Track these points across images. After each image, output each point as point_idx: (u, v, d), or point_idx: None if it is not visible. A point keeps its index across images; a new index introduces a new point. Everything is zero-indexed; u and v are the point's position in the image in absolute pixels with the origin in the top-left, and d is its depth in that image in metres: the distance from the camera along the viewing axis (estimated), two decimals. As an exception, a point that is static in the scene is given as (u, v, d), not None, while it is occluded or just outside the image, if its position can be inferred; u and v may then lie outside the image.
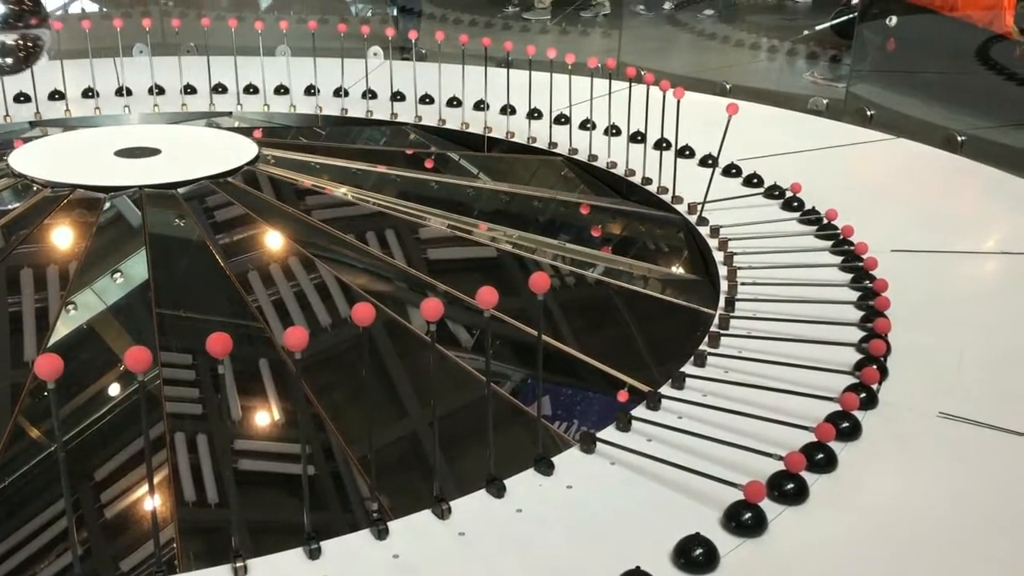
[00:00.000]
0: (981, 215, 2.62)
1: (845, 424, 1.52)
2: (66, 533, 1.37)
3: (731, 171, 2.69)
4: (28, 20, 3.25)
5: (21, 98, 3.25)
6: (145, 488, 1.47)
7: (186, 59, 3.42)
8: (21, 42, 3.21)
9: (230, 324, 1.96)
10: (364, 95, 3.39)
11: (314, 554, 1.27)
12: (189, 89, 3.39)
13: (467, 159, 3.07)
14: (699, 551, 1.25)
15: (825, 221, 2.31)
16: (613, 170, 2.79)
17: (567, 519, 1.36)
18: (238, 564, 1.25)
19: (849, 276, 2.06)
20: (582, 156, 2.90)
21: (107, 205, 2.27)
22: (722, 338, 1.80)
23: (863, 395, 1.59)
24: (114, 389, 1.75)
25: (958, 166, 2.92)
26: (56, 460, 1.17)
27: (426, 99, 3.32)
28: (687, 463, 1.42)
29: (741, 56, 5.51)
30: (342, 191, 2.58)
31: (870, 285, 1.97)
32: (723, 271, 2.09)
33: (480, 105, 3.23)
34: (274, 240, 2.23)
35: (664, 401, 1.61)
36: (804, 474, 1.39)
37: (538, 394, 1.61)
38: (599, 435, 1.51)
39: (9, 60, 3.16)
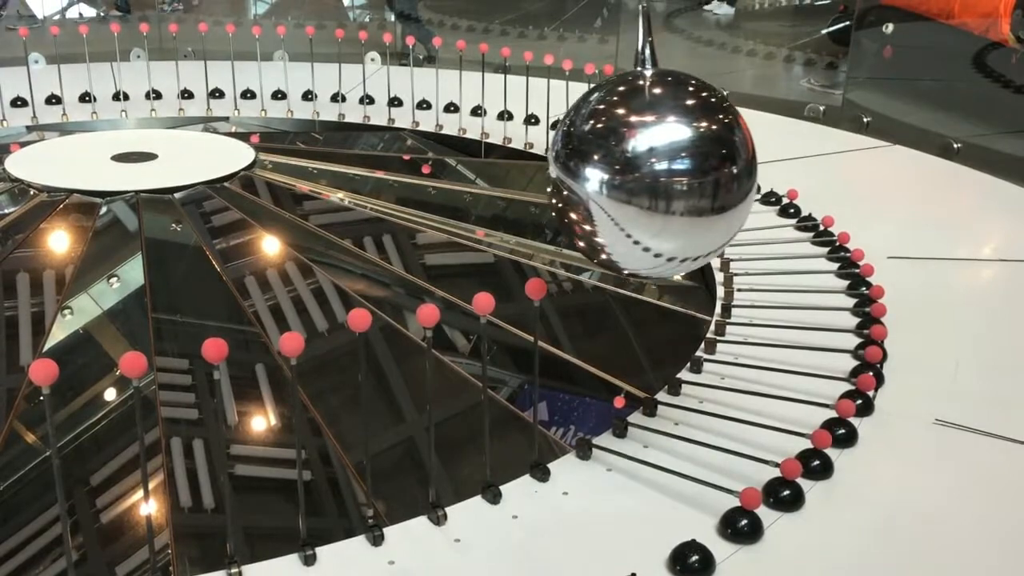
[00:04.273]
0: (977, 222, 2.62)
1: (841, 431, 1.52)
2: (61, 538, 1.36)
3: (728, 177, 2.69)
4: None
5: (18, 102, 3.24)
6: (140, 493, 1.47)
7: (183, 64, 3.42)
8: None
9: (226, 329, 1.95)
10: (361, 100, 3.39)
11: (309, 560, 1.27)
12: (186, 94, 3.39)
13: (464, 165, 3.07)
14: (695, 558, 1.25)
15: (821, 228, 2.31)
16: (610, 176, 2.78)
17: (563, 525, 1.36)
18: (233, 570, 1.25)
19: (845, 283, 2.06)
20: (579, 162, 2.89)
21: (103, 210, 2.27)
22: (718, 344, 1.81)
23: (859, 402, 1.59)
24: (110, 394, 1.75)
25: (954, 173, 2.92)
26: (51, 465, 1.17)
27: (423, 104, 3.32)
28: (683, 470, 1.42)
29: (738, 62, 5.53)
30: (339, 196, 2.58)
31: (866, 292, 1.97)
32: (719, 277, 2.09)
33: (477, 111, 3.23)
34: (271, 245, 2.23)
35: (660, 407, 1.61)
36: (800, 481, 1.39)
37: (534, 400, 1.61)
38: (595, 441, 1.51)
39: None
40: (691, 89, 1.29)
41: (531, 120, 3.07)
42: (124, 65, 3.44)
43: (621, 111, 1.26)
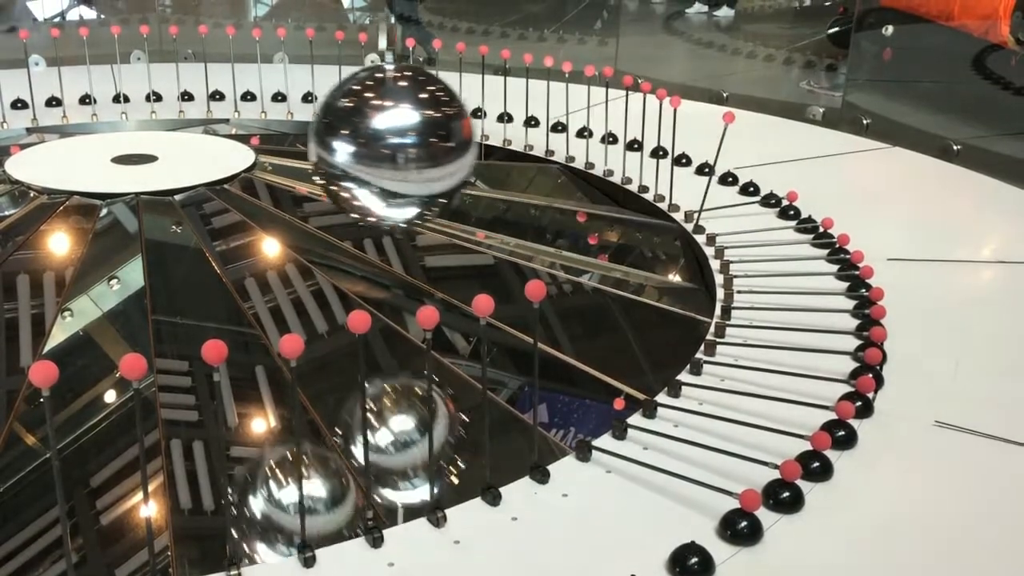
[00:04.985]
0: (977, 224, 2.62)
1: (841, 433, 1.52)
2: (61, 540, 1.36)
3: (728, 179, 2.70)
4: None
5: (18, 104, 3.25)
6: (140, 495, 1.47)
7: (184, 66, 3.42)
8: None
9: (226, 331, 1.95)
10: (361, 102, 3.39)
11: (308, 562, 1.27)
12: (186, 96, 3.39)
13: (464, 166, 3.07)
14: (694, 560, 1.25)
15: (821, 230, 2.31)
16: (610, 178, 2.79)
17: (563, 527, 1.36)
18: (233, 572, 1.25)
19: (845, 285, 2.06)
20: (579, 164, 2.90)
21: (104, 212, 2.27)
22: (718, 346, 1.81)
23: (859, 404, 1.59)
24: (110, 396, 1.75)
25: (954, 175, 2.93)
26: (51, 467, 1.17)
27: (423, 106, 3.32)
28: (683, 471, 1.42)
29: (738, 64, 5.53)
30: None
31: (866, 294, 1.97)
32: (719, 279, 2.09)
33: (477, 113, 3.23)
34: (271, 247, 2.23)
35: (660, 409, 1.61)
36: (799, 483, 1.39)
37: (534, 402, 1.61)
38: (595, 443, 1.51)
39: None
40: (428, 85, 1.71)
41: (531, 122, 3.08)
42: (124, 67, 3.44)
43: (368, 95, 1.70)
